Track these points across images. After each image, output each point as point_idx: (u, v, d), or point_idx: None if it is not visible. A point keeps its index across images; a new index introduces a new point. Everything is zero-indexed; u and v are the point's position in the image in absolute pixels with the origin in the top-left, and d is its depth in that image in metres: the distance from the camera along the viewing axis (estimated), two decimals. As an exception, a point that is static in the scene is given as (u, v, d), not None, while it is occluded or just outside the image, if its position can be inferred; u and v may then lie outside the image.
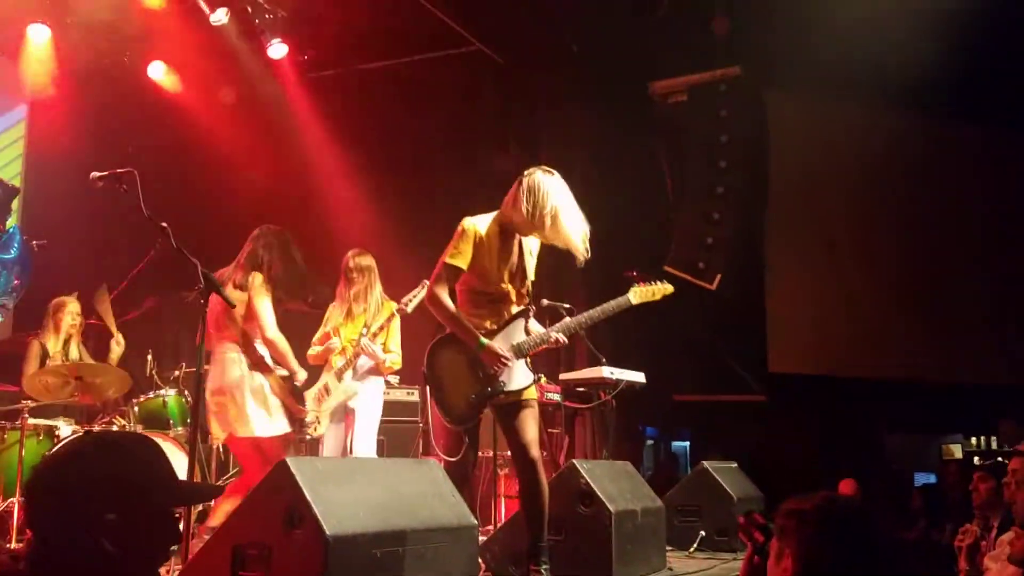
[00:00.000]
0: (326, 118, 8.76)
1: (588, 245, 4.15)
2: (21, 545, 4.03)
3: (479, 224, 3.99)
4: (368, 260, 5.61)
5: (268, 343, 4.52)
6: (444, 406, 3.84)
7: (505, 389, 3.89)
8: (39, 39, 7.73)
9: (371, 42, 8.51)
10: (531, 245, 4.17)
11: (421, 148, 9.20)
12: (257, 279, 4.55)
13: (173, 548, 1.97)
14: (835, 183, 8.73)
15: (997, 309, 8.58)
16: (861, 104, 8.42)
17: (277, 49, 8.18)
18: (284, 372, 4.73)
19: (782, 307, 8.57)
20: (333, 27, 8.31)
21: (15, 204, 6.34)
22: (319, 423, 5.33)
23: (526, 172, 4.09)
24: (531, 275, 4.18)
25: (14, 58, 7.81)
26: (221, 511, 4.29)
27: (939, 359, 8.54)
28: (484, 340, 3.86)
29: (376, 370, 5.45)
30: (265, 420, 4.41)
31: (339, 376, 5.37)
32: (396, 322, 5.50)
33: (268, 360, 4.56)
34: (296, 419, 4.65)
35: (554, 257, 7.97)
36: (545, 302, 5.13)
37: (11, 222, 5.59)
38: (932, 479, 8.79)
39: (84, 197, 5.70)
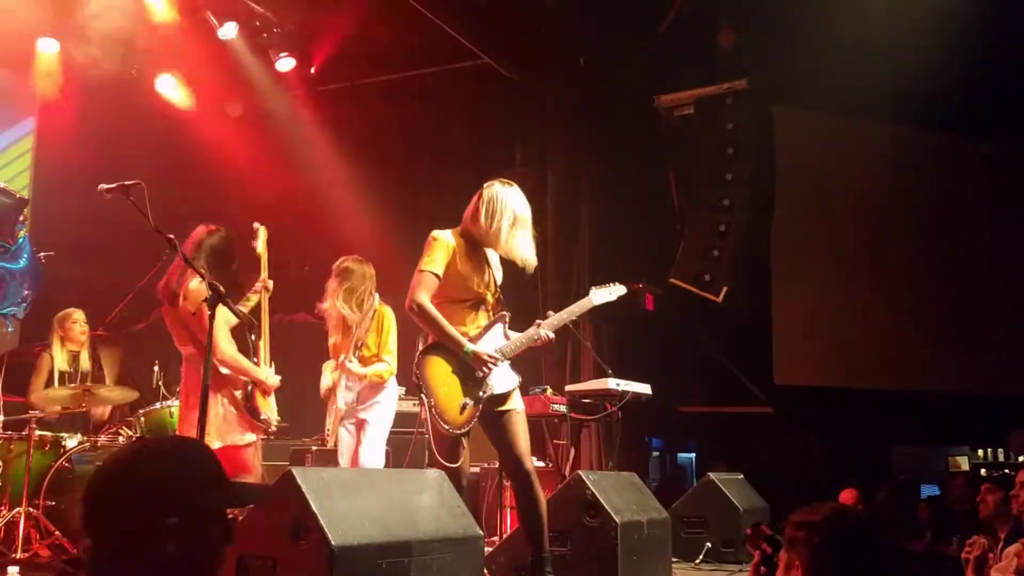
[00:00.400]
0: (334, 131, 8.81)
1: (535, 260, 4.22)
2: (77, 552, 4.05)
3: (446, 235, 4.03)
4: (356, 266, 5.55)
5: (222, 363, 4.41)
6: (440, 414, 3.85)
7: (493, 392, 3.90)
8: (48, 52, 7.80)
9: (378, 56, 8.55)
10: (494, 256, 4.19)
11: (429, 161, 9.23)
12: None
13: None
14: (842, 195, 8.74)
15: (1005, 320, 8.57)
16: (868, 117, 8.44)
17: (285, 63, 8.24)
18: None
19: (788, 319, 8.57)
20: (340, 41, 8.37)
21: (26, 212, 6.36)
22: (329, 436, 5.33)
23: (486, 184, 4.14)
24: (499, 283, 4.19)
25: (23, 71, 7.87)
26: None
27: (946, 370, 8.52)
28: (469, 345, 3.89)
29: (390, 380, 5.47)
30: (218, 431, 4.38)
31: (335, 389, 5.41)
32: (391, 328, 5.45)
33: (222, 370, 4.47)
34: (260, 427, 4.62)
35: (562, 272, 7.98)
36: (551, 314, 5.14)
37: (21, 233, 5.62)
38: (936, 491, 8.74)
39: (91, 208, 5.72)
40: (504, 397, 3.99)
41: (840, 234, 8.80)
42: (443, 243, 4.00)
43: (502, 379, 3.99)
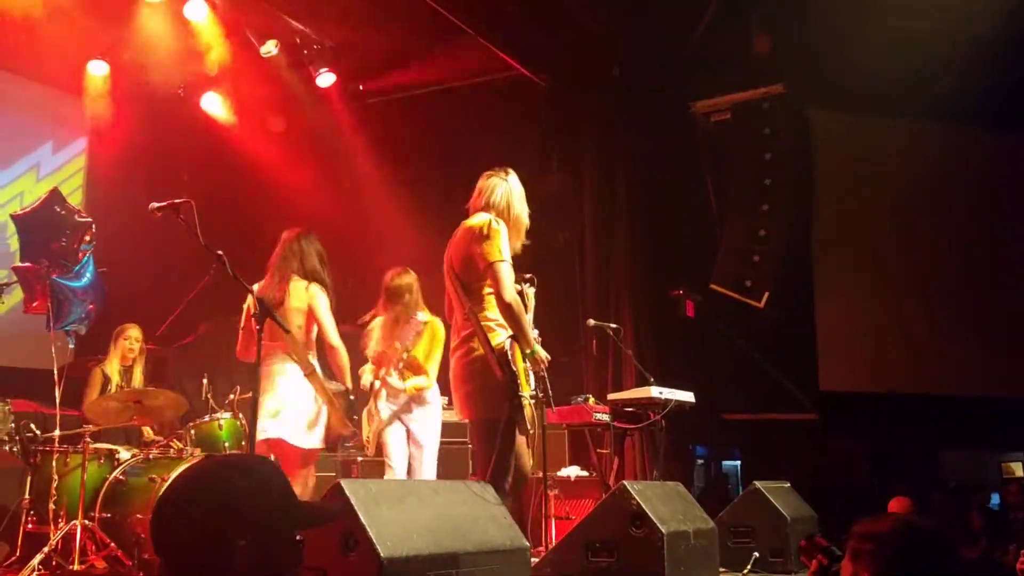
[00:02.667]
0: (373, 144, 8.92)
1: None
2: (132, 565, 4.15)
3: (501, 223, 4.07)
4: (408, 279, 5.62)
5: (332, 350, 4.67)
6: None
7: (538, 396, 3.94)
8: (98, 74, 8.01)
9: (415, 69, 8.65)
10: None
11: (466, 172, 9.26)
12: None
13: None
14: (882, 196, 8.64)
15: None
16: (906, 118, 8.34)
17: (325, 78, 8.37)
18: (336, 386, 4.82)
19: (832, 324, 8.48)
20: (378, 55, 8.48)
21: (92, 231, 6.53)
22: (368, 443, 5.38)
23: (495, 174, 4.14)
24: None
25: (75, 93, 8.09)
26: None
27: (997, 373, 8.37)
28: (537, 345, 3.91)
29: (432, 392, 5.52)
30: (305, 432, 4.54)
31: (376, 398, 5.46)
32: (441, 340, 5.49)
33: (319, 371, 4.67)
34: (338, 436, 4.73)
35: (601, 279, 7.98)
36: (592, 322, 5.17)
37: (87, 253, 5.80)
38: (995, 498, 8.59)
39: (141, 225, 5.86)
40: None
41: (882, 236, 8.70)
42: (503, 231, 4.01)
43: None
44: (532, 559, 4.00)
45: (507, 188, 4.17)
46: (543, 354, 3.95)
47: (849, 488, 7.80)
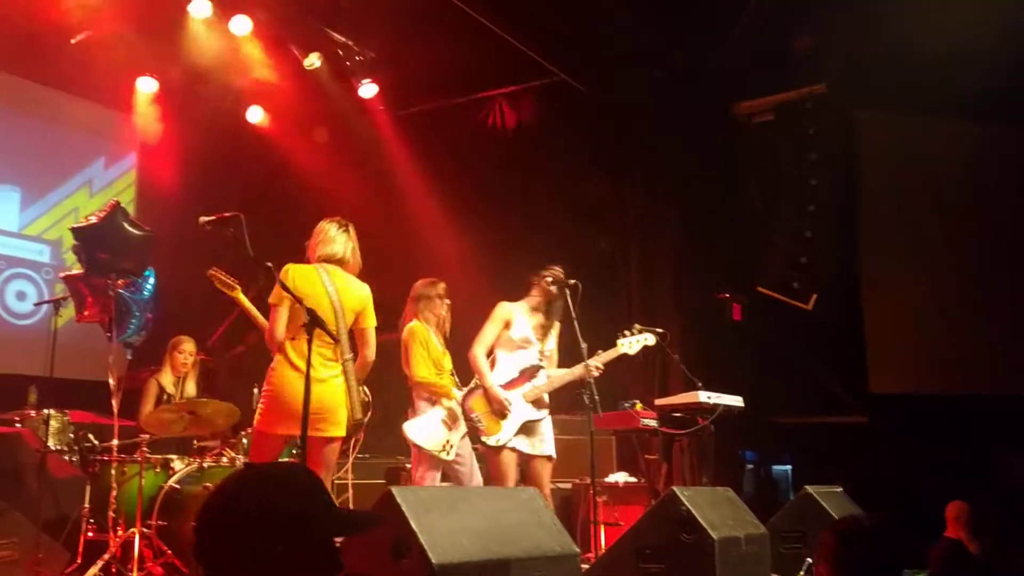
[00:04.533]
0: (416, 154, 8.99)
1: None
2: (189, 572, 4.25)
3: None
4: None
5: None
6: None
7: None
8: (147, 90, 8.19)
9: (456, 77, 8.70)
10: None
11: (509, 179, 9.33)
12: None
13: None
14: (931, 196, 8.49)
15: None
16: (953, 115, 8.18)
17: (367, 89, 8.46)
18: None
19: (882, 325, 8.34)
20: (420, 65, 8.54)
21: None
22: (451, 448, 5.29)
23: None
24: None
25: (125, 110, 8.28)
26: None
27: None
28: None
29: None
30: None
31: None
32: None
33: None
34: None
35: (646, 284, 7.93)
36: (638, 327, 5.16)
37: (149, 266, 5.95)
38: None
39: (191, 238, 5.97)
40: None
41: (932, 235, 8.54)
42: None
43: None
44: (582, 565, 4.01)
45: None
46: None
47: (902, 492, 7.66)
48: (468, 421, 4.77)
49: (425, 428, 5.31)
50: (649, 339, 5.14)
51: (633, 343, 5.10)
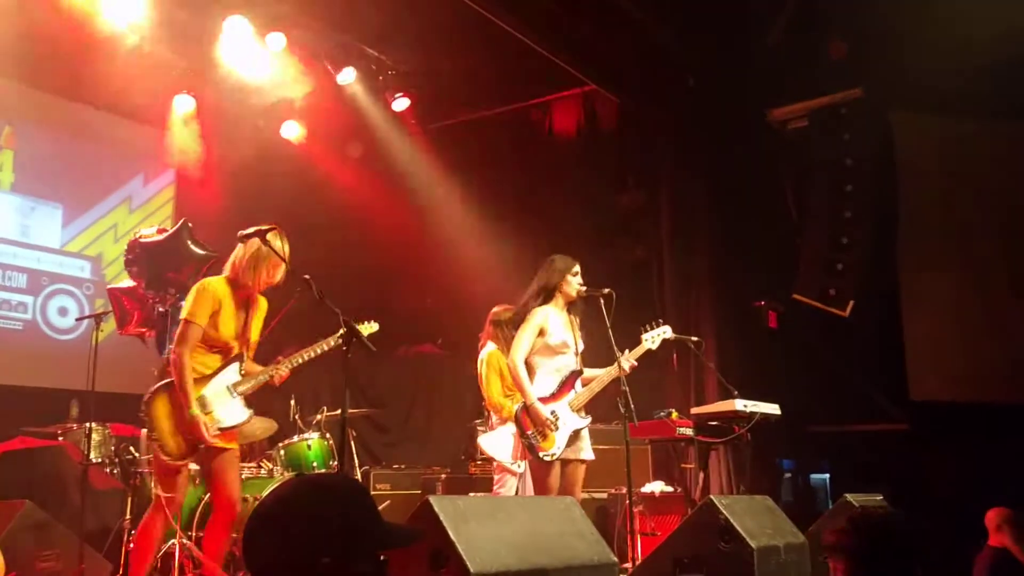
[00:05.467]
0: (449, 166, 9.05)
1: None
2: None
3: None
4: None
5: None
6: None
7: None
8: (184, 109, 8.33)
9: (488, 89, 8.75)
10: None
11: (542, 189, 9.35)
12: None
13: None
14: (970, 200, 8.35)
15: None
16: (991, 117, 8.07)
17: (400, 103, 8.53)
18: None
19: (921, 332, 8.22)
20: (452, 77, 8.61)
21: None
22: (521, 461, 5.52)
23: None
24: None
25: (163, 127, 8.43)
26: None
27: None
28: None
29: None
30: None
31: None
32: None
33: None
34: None
35: (680, 291, 7.88)
36: (672, 335, 5.13)
37: None
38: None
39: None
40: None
41: (973, 239, 8.41)
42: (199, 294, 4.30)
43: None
44: (619, 575, 3.99)
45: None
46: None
47: (944, 500, 7.53)
48: (524, 438, 4.75)
49: (498, 441, 5.61)
50: (667, 332, 5.09)
51: (655, 337, 5.08)
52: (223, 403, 4.29)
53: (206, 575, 4.40)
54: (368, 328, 4.62)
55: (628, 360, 4.82)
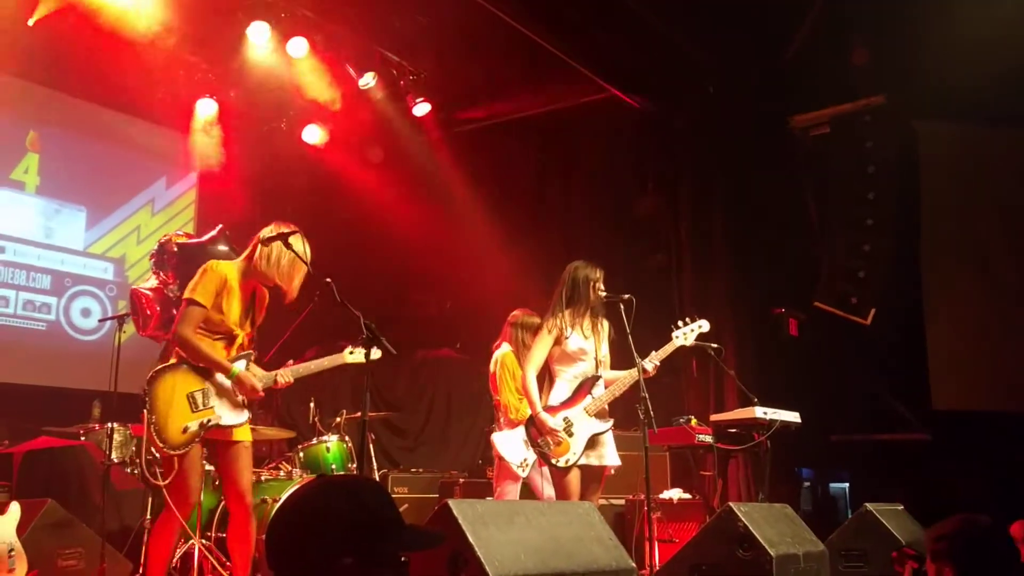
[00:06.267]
0: (469, 171, 9.07)
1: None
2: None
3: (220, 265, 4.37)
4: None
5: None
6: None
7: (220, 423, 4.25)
8: (206, 112, 8.39)
9: (508, 95, 8.77)
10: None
11: (562, 195, 9.36)
12: None
13: None
14: (993, 208, 8.28)
15: None
16: (1015, 127, 8.00)
17: (421, 108, 8.56)
18: None
19: (944, 341, 8.14)
20: (472, 83, 8.64)
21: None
22: (527, 466, 5.54)
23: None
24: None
25: (186, 131, 8.50)
26: None
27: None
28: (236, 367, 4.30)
29: None
30: None
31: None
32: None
33: None
34: None
35: (699, 299, 7.87)
36: (692, 341, 5.11)
37: None
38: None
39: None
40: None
41: (996, 248, 8.33)
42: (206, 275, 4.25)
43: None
44: (638, 581, 3.97)
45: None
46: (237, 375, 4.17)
47: (965, 511, 7.46)
48: (535, 447, 4.74)
49: (510, 442, 5.56)
50: (704, 325, 5.01)
51: (688, 332, 4.99)
52: (224, 400, 4.25)
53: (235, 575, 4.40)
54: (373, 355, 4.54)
55: (652, 361, 4.79)
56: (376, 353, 4.21)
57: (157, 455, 5.40)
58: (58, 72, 7.85)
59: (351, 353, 4.48)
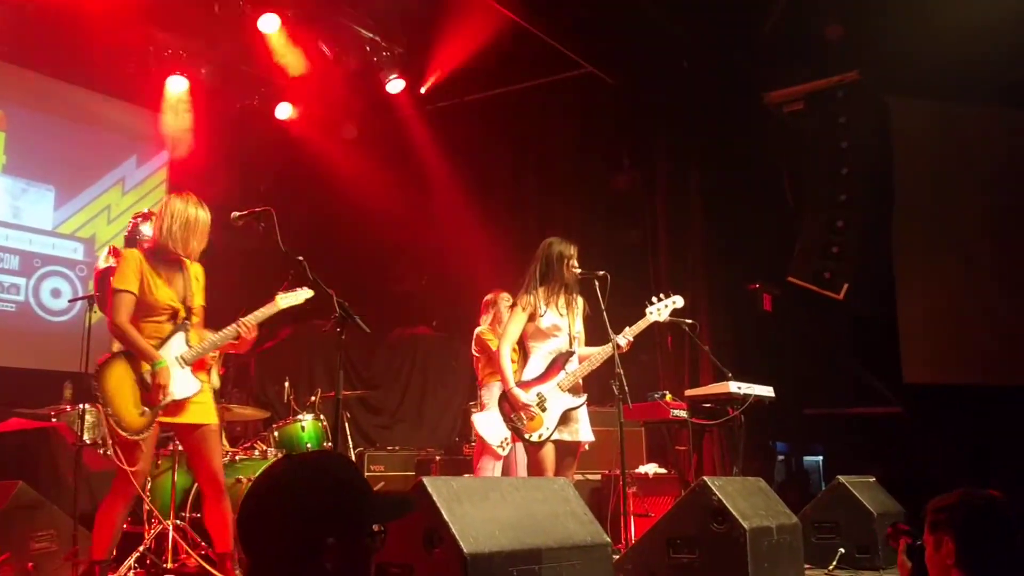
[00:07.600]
0: (443, 148, 9.01)
1: None
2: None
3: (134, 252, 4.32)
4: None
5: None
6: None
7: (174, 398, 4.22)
8: (177, 89, 8.27)
9: (484, 72, 8.70)
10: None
11: (537, 171, 9.33)
12: None
13: None
14: (965, 184, 8.36)
15: None
16: (987, 102, 8.05)
17: (395, 84, 8.48)
18: None
19: (915, 315, 8.24)
20: (447, 59, 8.56)
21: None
22: (508, 444, 5.67)
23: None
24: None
25: (156, 109, 8.37)
26: None
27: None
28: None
29: None
30: None
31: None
32: None
33: None
34: None
35: (675, 274, 7.89)
36: (666, 317, 5.12)
37: None
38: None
39: (221, 233, 6.02)
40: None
41: (967, 223, 8.41)
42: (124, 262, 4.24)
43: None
44: (613, 556, 4.00)
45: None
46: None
47: (937, 483, 7.56)
48: (508, 422, 4.74)
49: (490, 423, 5.62)
50: (678, 301, 5.04)
51: (662, 308, 5.01)
52: (173, 375, 4.22)
53: (217, 551, 4.38)
54: (302, 294, 4.49)
55: (626, 336, 4.80)
56: (308, 292, 4.29)
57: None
58: (25, 49, 7.69)
59: (284, 298, 4.43)
